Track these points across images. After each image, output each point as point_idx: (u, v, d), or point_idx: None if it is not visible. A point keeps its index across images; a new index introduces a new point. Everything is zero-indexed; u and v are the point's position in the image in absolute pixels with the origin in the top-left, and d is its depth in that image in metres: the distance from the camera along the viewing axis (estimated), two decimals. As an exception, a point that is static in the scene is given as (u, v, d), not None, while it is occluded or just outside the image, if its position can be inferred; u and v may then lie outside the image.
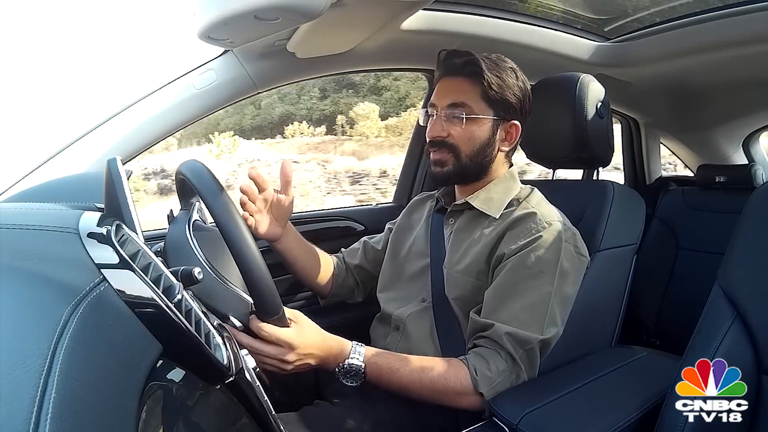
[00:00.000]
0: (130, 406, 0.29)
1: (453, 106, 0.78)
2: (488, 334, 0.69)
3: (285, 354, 0.61)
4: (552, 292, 0.70)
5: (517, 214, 0.76)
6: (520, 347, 0.68)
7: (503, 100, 0.78)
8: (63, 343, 0.26)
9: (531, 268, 0.71)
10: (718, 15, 1.09)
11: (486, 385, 0.66)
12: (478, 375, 0.66)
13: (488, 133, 0.79)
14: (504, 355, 0.68)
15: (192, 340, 0.38)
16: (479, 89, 0.77)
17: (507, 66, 0.79)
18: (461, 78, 0.78)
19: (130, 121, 0.86)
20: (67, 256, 0.33)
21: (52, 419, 0.22)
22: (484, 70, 0.76)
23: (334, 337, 0.68)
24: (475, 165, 0.80)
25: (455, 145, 0.78)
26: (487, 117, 0.78)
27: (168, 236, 0.62)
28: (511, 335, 0.68)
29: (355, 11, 0.80)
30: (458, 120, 0.77)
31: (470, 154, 0.79)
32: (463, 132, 0.78)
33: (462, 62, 0.78)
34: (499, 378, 0.67)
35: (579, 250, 0.76)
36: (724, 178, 1.49)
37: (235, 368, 0.42)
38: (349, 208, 1.42)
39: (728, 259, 0.63)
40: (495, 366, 0.67)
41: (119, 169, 0.48)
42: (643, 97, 1.50)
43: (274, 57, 0.96)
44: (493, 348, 0.69)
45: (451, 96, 0.78)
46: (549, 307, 0.70)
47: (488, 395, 0.66)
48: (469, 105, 0.77)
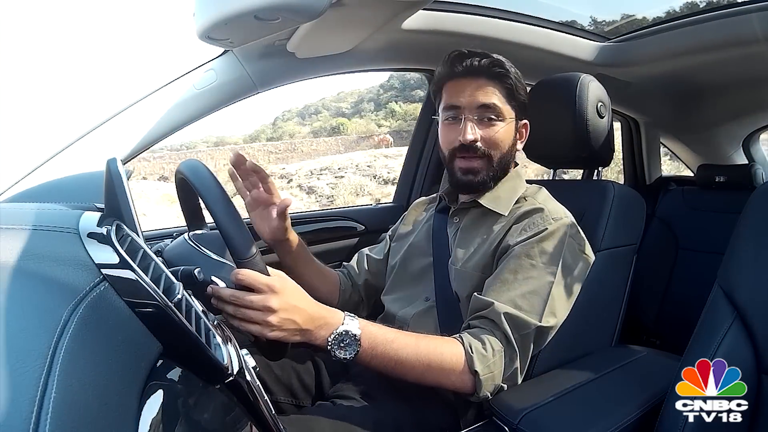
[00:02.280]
0: (131, 405, 0.29)
1: (483, 108, 0.77)
2: (486, 313, 0.69)
3: (267, 300, 0.55)
4: (553, 283, 0.70)
5: (525, 209, 0.77)
6: (516, 330, 0.67)
7: (522, 100, 0.80)
8: (63, 342, 0.26)
9: (534, 258, 0.71)
10: (718, 15, 1.09)
11: (481, 364, 0.65)
12: (473, 353, 0.65)
13: (512, 133, 0.80)
14: (499, 336, 0.67)
15: (192, 340, 0.38)
16: (505, 91, 0.78)
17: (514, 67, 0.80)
18: (485, 79, 0.78)
19: (130, 121, 0.86)
20: (67, 256, 0.33)
21: (53, 419, 0.23)
22: (509, 70, 0.77)
23: (324, 305, 0.63)
24: (502, 168, 0.81)
25: (488, 150, 0.78)
26: (511, 117, 0.79)
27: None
28: (510, 316, 0.67)
29: (355, 11, 0.80)
30: (489, 122, 0.77)
31: (501, 157, 0.79)
32: (494, 135, 0.78)
33: (487, 63, 0.77)
34: (494, 358, 0.66)
35: (583, 249, 0.76)
36: (724, 178, 1.50)
37: (235, 368, 0.42)
38: (349, 208, 1.42)
39: (728, 259, 0.63)
40: (490, 346, 0.66)
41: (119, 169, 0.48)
42: (643, 97, 1.50)
43: (274, 57, 0.96)
44: (488, 328, 0.68)
45: (481, 97, 0.77)
46: (549, 298, 0.70)
47: (482, 374, 0.65)
48: (498, 107, 0.77)
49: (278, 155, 21.04)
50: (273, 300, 0.55)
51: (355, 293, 0.95)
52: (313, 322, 0.59)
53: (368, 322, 0.64)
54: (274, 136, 34.18)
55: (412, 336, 0.66)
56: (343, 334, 0.61)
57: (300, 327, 0.58)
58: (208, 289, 0.55)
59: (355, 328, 0.61)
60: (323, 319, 0.60)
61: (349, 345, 0.61)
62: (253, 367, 0.50)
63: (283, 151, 21.44)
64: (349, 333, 0.61)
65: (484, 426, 0.69)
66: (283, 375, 0.81)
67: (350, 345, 0.61)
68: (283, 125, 37.22)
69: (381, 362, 0.63)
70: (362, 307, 0.96)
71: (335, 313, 0.62)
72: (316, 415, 0.69)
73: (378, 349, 0.63)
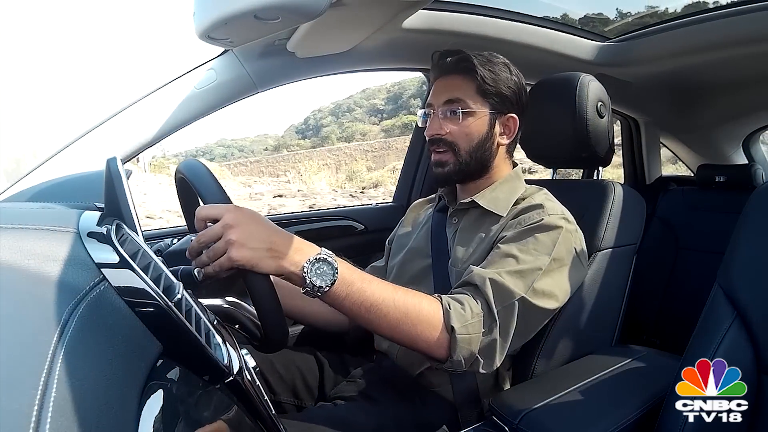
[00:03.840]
0: (131, 405, 0.29)
1: (449, 102, 0.78)
2: (469, 278, 0.67)
3: (224, 220, 0.52)
4: (542, 270, 0.69)
5: (523, 206, 0.77)
6: (499, 299, 0.65)
7: (498, 93, 0.78)
8: (63, 342, 0.26)
9: (525, 245, 0.70)
10: (718, 15, 1.09)
11: (458, 322, 0.62)
12: (451, 309, 0.63)
13: (486, 127, 0.79)
14: (481, 302, 0.65)
15: (192, 340, 0.38)
16: (473, 84, 0.78)
17: (499, 61, 0.80)
18: (454, 75, 0.79)
19: (130, 121, 0.86)
20: (67, 256, 0.33)
21: (53, 419, 0.22)
22: (477, 65, 0.77)
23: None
24: (476, 161, 0.80)
25: (454, 142, 0.79)
26: (483, 111, 0.78)
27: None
28: (494, 282, 0.65)
29: (355, 11, 0.80)
30: (455, 116, 0.78)
31: (469, 149, 0.79)
32: (460, 128, 0.78)
33: (455, 60, 0.79)
34: (472, 320, 0.63)
35: (577, 251, 0.74)
36: (724, 178, 1.50)
37: (235, 368, 0.42)
38: (349, 208, 1.42)
39: (728, 259, 0.63)
40: (469, 307, 0.64)
41: (119, 168, 0.48)
42: (644, 96, 1.50)
43: (274, 56, 0.96)
44: (470, 293, 0.66)
45: (447, 93, 0.79)
46: (536, 280, 0.68)
47: (459, 332, 0.62)
48: (464, 100, 0.78)
49: (374, 153, 22.82)
50: (227, 217, 0.52)
51: None
52: (283, 243, 0.55)
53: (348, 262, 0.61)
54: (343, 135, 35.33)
55: (390, 284, 0.63)
56: (321, 260, 0.56)
57: (269, 246, 0.53)
58: (186, 254, 0.54)
59: (333, 260, 0.57)
60: (298, 245, 0.56)
61: (326, 273, 0.56)
62: (253, 367, 0.50)
63: (378, 149, 23.23)
64: (327, 260, 0.57)
65: (484, 426, 0.69)
66: (287, 374, 0.81)
67: (327, 274, 0.56)
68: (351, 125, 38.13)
69: (356, 300, 0.59)
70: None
71: (311, 244, 0.58)
72: (317, 416, 0.69)
73: (355, 285, 0.58)
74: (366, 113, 43.26)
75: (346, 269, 0.58)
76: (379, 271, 0.95)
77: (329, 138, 36.12)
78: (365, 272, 0.63)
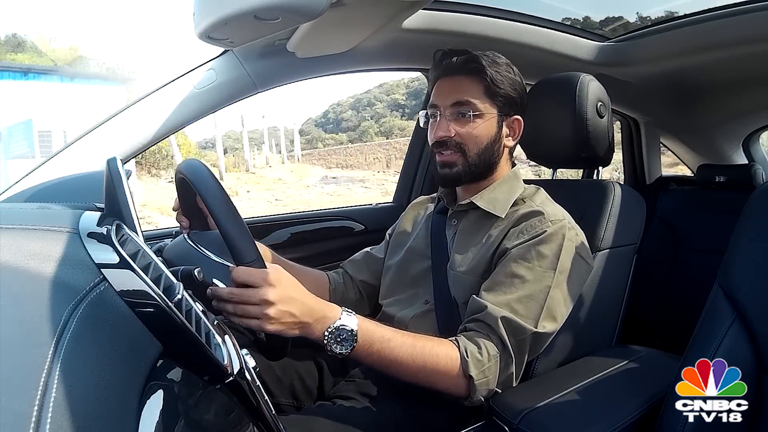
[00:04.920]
0: (131, 405, 0.29)
1: (458, 104, 0.78)
2: (482, 317, 0.69)
3: (264, 293, 0.55)
4: (550, 287, 0.70)
5: (523, 211, 0.76)
6: (512, 335, 0.67)
7: (505, 95, 0.78)
8: (63, 342, 0.26)
9: (531, 261, 0.70)
10: (718, 15, 1.09)
11: (476, 369, 0.65)
12: (469, 357, 0.65)
13: (494, 129, 0.79)
14: (495, 340, 0.67)
15: (192, 340, 0.38)
16: (482, 86, 0.77)
17: (503, 62, 0.80)
18: (462, 76, 0.78)
19: (130, 121, 0.86)
20: (67, 256, 0.33)
21: (53, 419, 0.23)
22: (486, 66, 0.76)
23: (321, 299, 0.63)
24: (484, 163, 0.80)
25: (463, 144, 0.78)
26: (491, 113, 0.78)
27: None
28: (507, 320, 0.67)
29: (355, 11, 0.80)
30: (464, 118, 0.77)
31: (478, 152, 0.79)
32: (470, 130, 0.77)
33: (462, 60, 0.78)
34: (489, 363, 0.66)
35: (582, 253, 0.75)
36: (724, 178, 1.49)
37: (235, 368, 0.42)
38: (349, 207, 1.42)
39: (728, 259, 0.63)
40: (486, 350, 0.66)
41: (119, 169, 0.48)
42: (644, 96, 1.50)
43: (274, 57, 0.96)
44: (484, 332, 0.68)
45: (455, 95, 0.78)
46: (546, 302, 0.69)
47: (477, 379, 0.65)
48: (473, 102, 0.77)
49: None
50: (270, 292, 0.55)
51: (353, 291, 0.94)
52: (311, 314, 0.59)
53: (366, 319, 0.64)
54: (381, 130, 36.63)
55: (408, 336, 0.66)
56: (340, 329, 0.60)
57: (298, 320, 0.58)
58: (207, 291, 0.55)
59: (353, 324, 0.61)
60: (321, 312, 0.60)
61: (346, 340, 0.61)
62: (253, 367, 0.50)
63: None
64: (346, 328, 0.60)
65: (484, 426, 0.69)
66: (285, 377, 0.81)
67: (347, 340, 0.61)
68: (387, 121, 39.36)
69: (376, 360, 0.63)
70: (361, 306, 0.95)
71: (333, 307, 0.62)
72: (317, 415, 0.69)
73: (374, 347, 0.63)
74: (387, 108, 43.45)
75: (365, 334, 0.62)
76: (375, 260, 0.96)
77: (367, 132, 37.29)
78: (384, 328, 0.65)
